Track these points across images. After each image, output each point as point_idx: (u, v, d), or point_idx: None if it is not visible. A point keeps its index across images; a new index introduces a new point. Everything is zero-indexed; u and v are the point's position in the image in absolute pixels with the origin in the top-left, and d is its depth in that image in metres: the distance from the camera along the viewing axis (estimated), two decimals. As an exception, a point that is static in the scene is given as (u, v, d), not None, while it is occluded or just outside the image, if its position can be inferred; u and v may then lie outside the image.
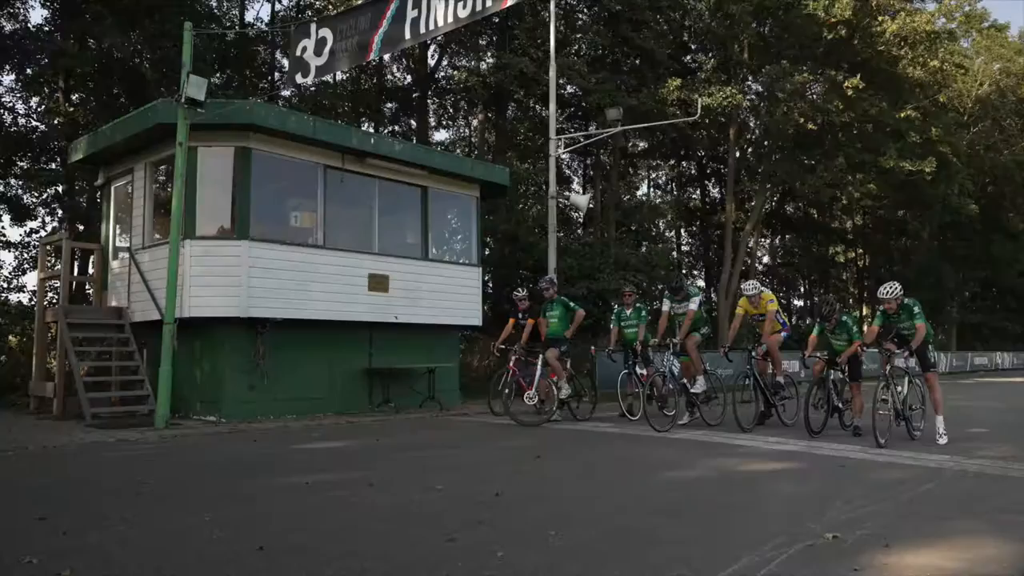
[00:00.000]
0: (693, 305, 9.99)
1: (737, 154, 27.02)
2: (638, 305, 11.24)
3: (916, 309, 8.05)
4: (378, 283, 12.06)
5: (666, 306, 10.31)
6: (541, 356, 10.28)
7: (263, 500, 4.87)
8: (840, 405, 8.99)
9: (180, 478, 5.85)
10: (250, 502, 4.81)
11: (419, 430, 9.59)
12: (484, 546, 3.74)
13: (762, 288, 9.95)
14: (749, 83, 25.86)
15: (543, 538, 3.89)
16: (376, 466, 6.46)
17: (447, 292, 13.18)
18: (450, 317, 13.36)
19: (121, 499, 4.91)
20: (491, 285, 21.76)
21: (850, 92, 22.79)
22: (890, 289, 8.17)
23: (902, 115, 24.96)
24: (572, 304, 10.84)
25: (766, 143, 26.81)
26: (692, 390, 9.75)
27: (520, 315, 11.21)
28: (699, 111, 17.05)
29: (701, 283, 36.13)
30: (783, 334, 10.12)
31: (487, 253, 19.71)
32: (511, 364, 10.47)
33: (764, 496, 5.06)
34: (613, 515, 4.45)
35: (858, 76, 22.72)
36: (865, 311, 40.41)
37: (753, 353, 9.63)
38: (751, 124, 27.34)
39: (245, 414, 10.62)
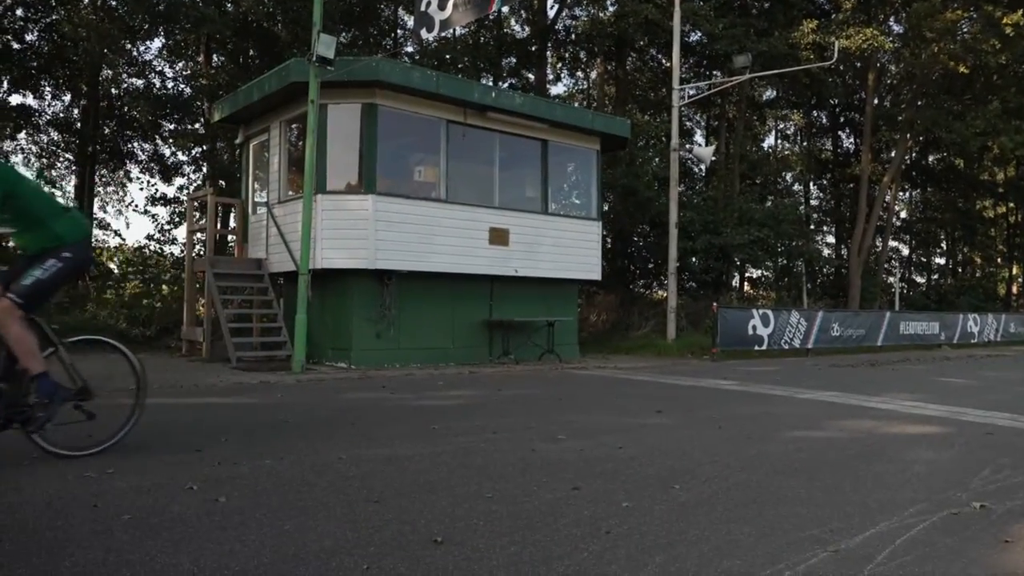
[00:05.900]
0: None
1: (875, 101, 25.25)
2: None
3: None
4: (498, 236, 12.22)
5: None
6: None
7: (393, 442, 5.10)
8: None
9: (318, 418, 6.23)
10: (381, 443, 5.05)
11: (539, 382, 9.73)
12: (609, 495, 3.77)
13: None
14: (891, 23, 23.96)
15: (667, 491, 3.89)
16: (499, 415, 6.62)
17: (566, 246, 13.19)
18: (569, 271, 13.38)
19: (266, 435, 5.29)
20: (609, 240, 21.56)
21: (1008, 30, 20.63)
22: None
23: (1070, 54, 22.45)
24: None
25: (908, 88, 24.87)
26: None
27: None
28: (836, 55, 16.01)
29: (831, 239, 34.22)
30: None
31: (606, 207, 19.50)
32: None
33: (902, 461, 4.82)
34: (737, 472, 4.38)
35: (1020, 12, 20.56)
36: (1015, 270, 37.28)
37: None
38: (892, 68, 25.41)
39: (373, 361, 11.13)
